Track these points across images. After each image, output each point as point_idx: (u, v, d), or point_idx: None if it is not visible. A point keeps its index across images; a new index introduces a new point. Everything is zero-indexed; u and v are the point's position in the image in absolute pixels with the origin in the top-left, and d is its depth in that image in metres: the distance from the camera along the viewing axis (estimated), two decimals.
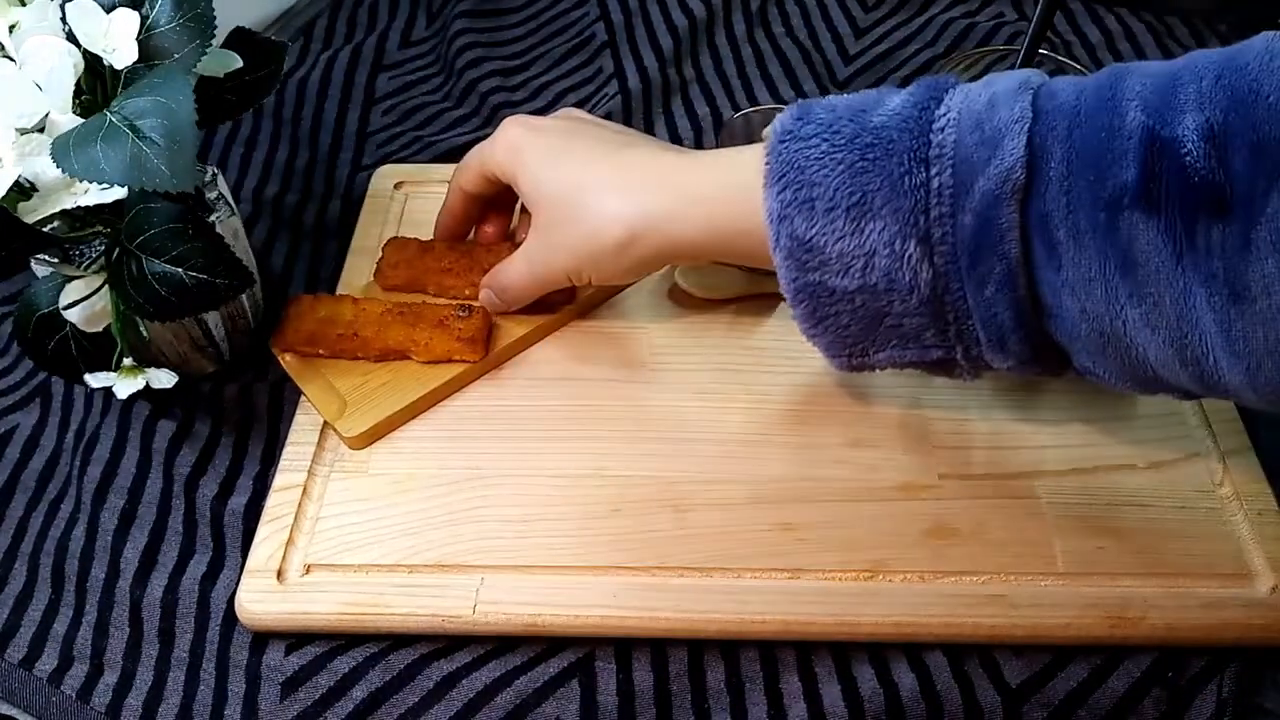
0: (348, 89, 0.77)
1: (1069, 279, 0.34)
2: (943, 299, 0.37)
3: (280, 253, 0.65)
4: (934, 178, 0.36)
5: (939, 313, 0.38)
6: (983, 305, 0.36)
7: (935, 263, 0.36)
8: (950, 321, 0.38)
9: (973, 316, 0.37)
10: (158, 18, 0.47)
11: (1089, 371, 0.38)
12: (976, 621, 0.45)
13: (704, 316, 0.58)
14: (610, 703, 0.45)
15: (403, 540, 0.49)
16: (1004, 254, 0.35)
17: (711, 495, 0.50)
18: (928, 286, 0.37)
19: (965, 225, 0.35)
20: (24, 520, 0.53)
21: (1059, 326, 0.36)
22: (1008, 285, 0.35)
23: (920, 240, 0.36)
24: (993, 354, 0.39)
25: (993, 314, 0.36)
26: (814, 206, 0.38)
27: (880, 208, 0.37)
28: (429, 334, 0.54)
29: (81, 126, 0.42)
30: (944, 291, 0.37)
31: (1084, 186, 0.33)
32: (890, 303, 0.38)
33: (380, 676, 0.46)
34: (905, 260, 0.37)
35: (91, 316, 0.47)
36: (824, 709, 0.44)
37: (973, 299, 0.37)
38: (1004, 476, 0.50)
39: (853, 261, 0.38)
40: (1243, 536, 0.48)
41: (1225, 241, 0.31)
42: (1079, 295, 0.34)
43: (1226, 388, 0.34)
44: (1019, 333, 0.37)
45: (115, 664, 0.47)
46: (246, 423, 0.56)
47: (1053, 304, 0.36)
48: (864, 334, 0.40)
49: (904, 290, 0.37)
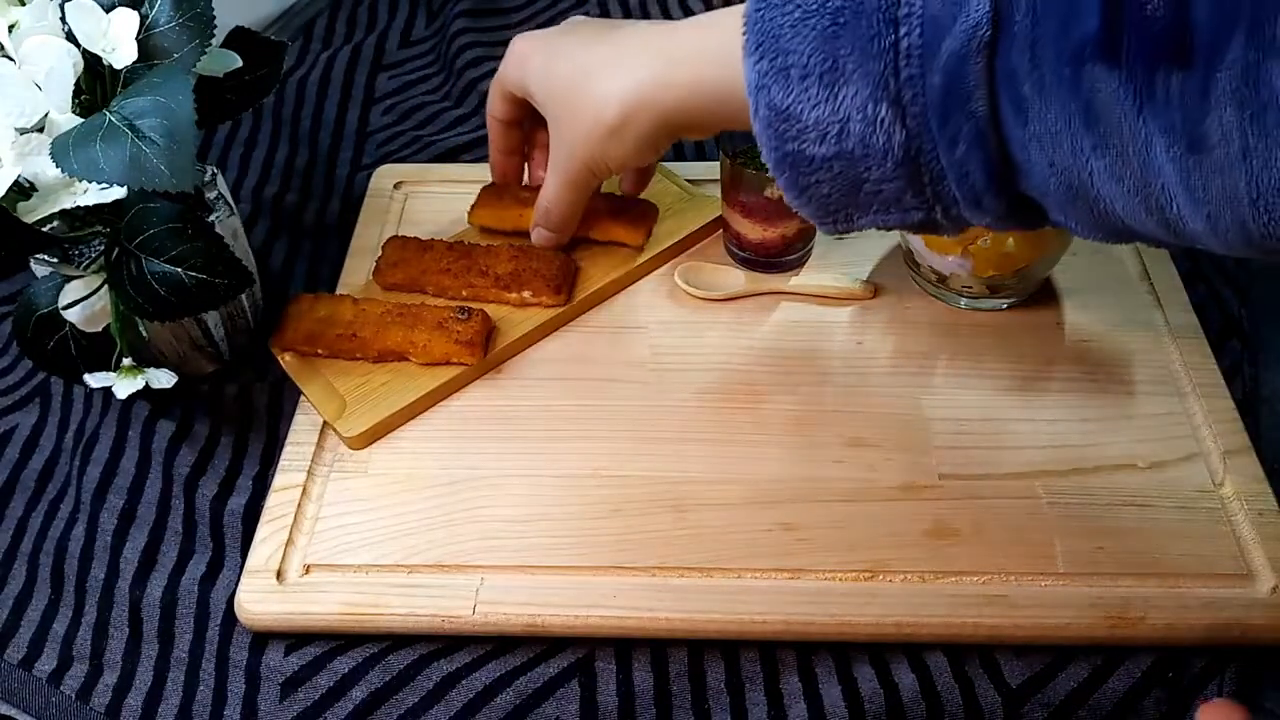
0: (348, 89, 0.77)
1: (1036, 133, 0.35)
2: (917, 161, 0.38)
3: (280, 253, 0.65)
4: (903, 39, 0.36)
5: (915, 176, 0.38)
6: (955, 165, 0.37)
7: (907, 125, 0.37)
8: (926, 183, 0.38)
9: (947, 177, 0.38)
10: (157, 17, 0.47)
11: (1062, 224, 0.39)
12: (976, 621, 0.45)
13: (704, 316, 0.58)
14: (610, 703, 0.45)
15: (403, 540, 0.49)
16: (973, 112, 0.35)
17: (711, 495, 0.50)
18: (901, 149, 0.38)
19: (934, 85, 0.36)
20: (24, 520, 0.53)
21: (1030, 182, 0.37)
22: (978, 144, 0.36)
23: (891, 103, 0.37)
24: (970, 212, 0.39)
25: (965, 173, 0.37)
26: (789, 75, 0.38)
27: (852, 73, 0.37)
28: (428, 335, 0.54)
29: (81, 126, 0.42)
30: (917, 153, 0.37)
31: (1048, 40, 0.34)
32: (867, 169, 0.39)
33: (380, 677, 0.46)
34: (878, 124, 0.37)
35: (91, 316, 0.47)
36: (824, 709, 0.44)
37: (945, 159, 0.37)
38: (1004, 476, 0.50)
39: (828, 128, 0.38)
40: (1243, 536, 0.48)
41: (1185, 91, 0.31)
42: (1047, 150, 0.35)
43: (1191, 235, 0.35)
44: (992, 190, 0.37)
45: (115, 664, 0.47)
46: (246, 423, 0.56)
47: (1022, 160, 0.36)
48: (845, 201, 0.41)
49: (879, 155, 0.38)
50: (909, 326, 0.57)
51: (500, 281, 0.57)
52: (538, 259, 0.57)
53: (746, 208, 0.57)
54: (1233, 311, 0.59)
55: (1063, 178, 0.35)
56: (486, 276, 0.57)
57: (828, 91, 0.38)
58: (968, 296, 0.57)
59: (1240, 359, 0.56)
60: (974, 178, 0.37)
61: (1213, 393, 0.53)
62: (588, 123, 0.49)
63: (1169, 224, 0.34)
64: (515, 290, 0.57)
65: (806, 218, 0.42)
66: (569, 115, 0.50)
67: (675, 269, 0.60)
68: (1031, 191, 0.37)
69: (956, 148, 0.36)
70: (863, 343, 0.57)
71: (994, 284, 0.56)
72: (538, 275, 0.57)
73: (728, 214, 0.59)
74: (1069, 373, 0.55)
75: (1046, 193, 0.36)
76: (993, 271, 0.55)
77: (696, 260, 0.61)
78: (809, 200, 0.41)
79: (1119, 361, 0.55)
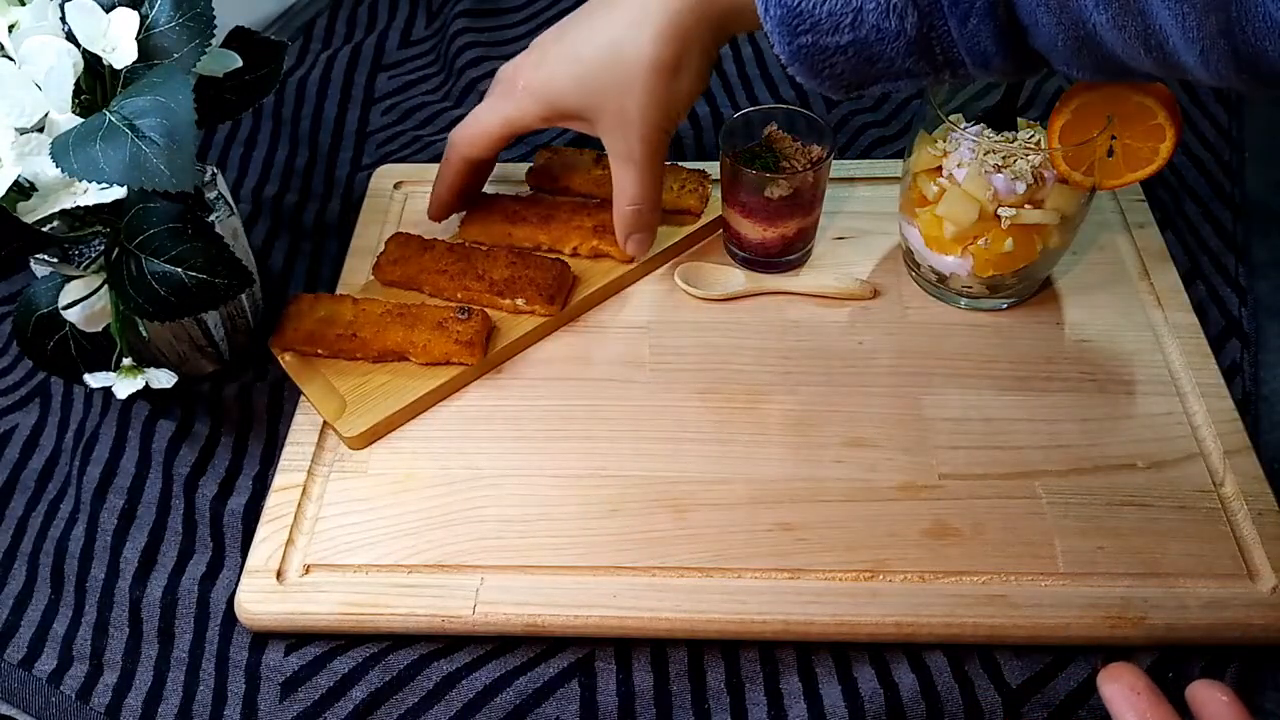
0: (348, 89, 0.77)
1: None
2: (929, 38, 0.40)
3: (280, 252, 0.65)
4: None
5: (926, 50, 0.41)
6: (967, 36, 0.39)
7: (920, 5, 0.39)
8: (937, 54, 0.41)
9: (958, 46, 0.40)
10: (157, 17, 0.47)
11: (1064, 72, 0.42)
12: (976, 621, 0.45)
13: (704, 316, 0.58)
14: (610, 703, 0.45)
15: (403, 540, 0.49)
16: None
17: (711, 495, 0.50)
18: (914, 29, 0.40)
19: None
20: (24, 520, 0.53)
21: (1038, 41, 0.39)
22: (989, 14, 0.39)
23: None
24: (977, 72, 0.42)
25: (976, 42, 0.40)
26: None
27: None
28: (428, 335, 0.54)
29: (81, 126, 0.42)
30: (929, 30, 0.40)
31: None
32: (881, 50, 0.41)
33: (380, 677, 0.46)
34: (890, 10, 0.39)
35: (91, 316, 0.47)
36: (824, 709, 0.44)
37: (957, 32, 0.39)
38: (1004, 476, 0.50)
39: (841, 19, 0.40)
40: (1243, 536, 0.48)
41: None
42: (1054, 11, 0.38)
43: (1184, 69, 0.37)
44: (1001, 52, 0.40)
45: (115, 664, 0.47)
46: (246, 423, 0.56)
47: (1029, 23, 0.39)
48: (859, 76, 0.43)
49: (892, 36, 0.40)
50: (909, 326, 0.57)
51: (495, 287, 0.57)
52: (534, 266, 0.57)
53: (746, 208, 0.57)
54: (1233, 311, 0.59)
55: (1069, 33, 0.38)
56: (482, 281, 0.57)
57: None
58: (968, 296, 0.57)
59: (1240, 359, 0.56)
60: (984, 44, 0.39)
61: (1213, 393, 0.53)
62: (643, 84, 0.48)
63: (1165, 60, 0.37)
64: (509, 297, 0.57)
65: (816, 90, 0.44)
66: (618, 93, 0.49)
67: (675, 269, 0.60)
68: (1039, 48, 0.39)
69: (969, 21, 0.39)
70: (863, 343, 0.57)
71: (994, 284, 0.56)
72: (532, 284, 0.57)
73: (728, 214, 0.59)
74: (1069, 373, 0.55)
75: (1054, 49, 0.39)
76: (993, 271, 0.55)
77: (696, 260, 0.61)
78: (823, 80, 0.43)
79: (1119, 361, 0.55)
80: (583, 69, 0.49)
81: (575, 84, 0.50)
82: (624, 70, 0.48)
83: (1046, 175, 0.51)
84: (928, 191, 0.54)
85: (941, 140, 0.54)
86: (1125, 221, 0.62)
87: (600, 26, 0.49)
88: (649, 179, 0.53)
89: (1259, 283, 0.61)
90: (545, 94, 0.51)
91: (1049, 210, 0.52)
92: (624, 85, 0.48)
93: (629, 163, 0.52)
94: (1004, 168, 0.52)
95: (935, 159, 0.54)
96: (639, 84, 0.48)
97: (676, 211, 0.62)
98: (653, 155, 0.52)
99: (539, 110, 0.52)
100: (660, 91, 0.48)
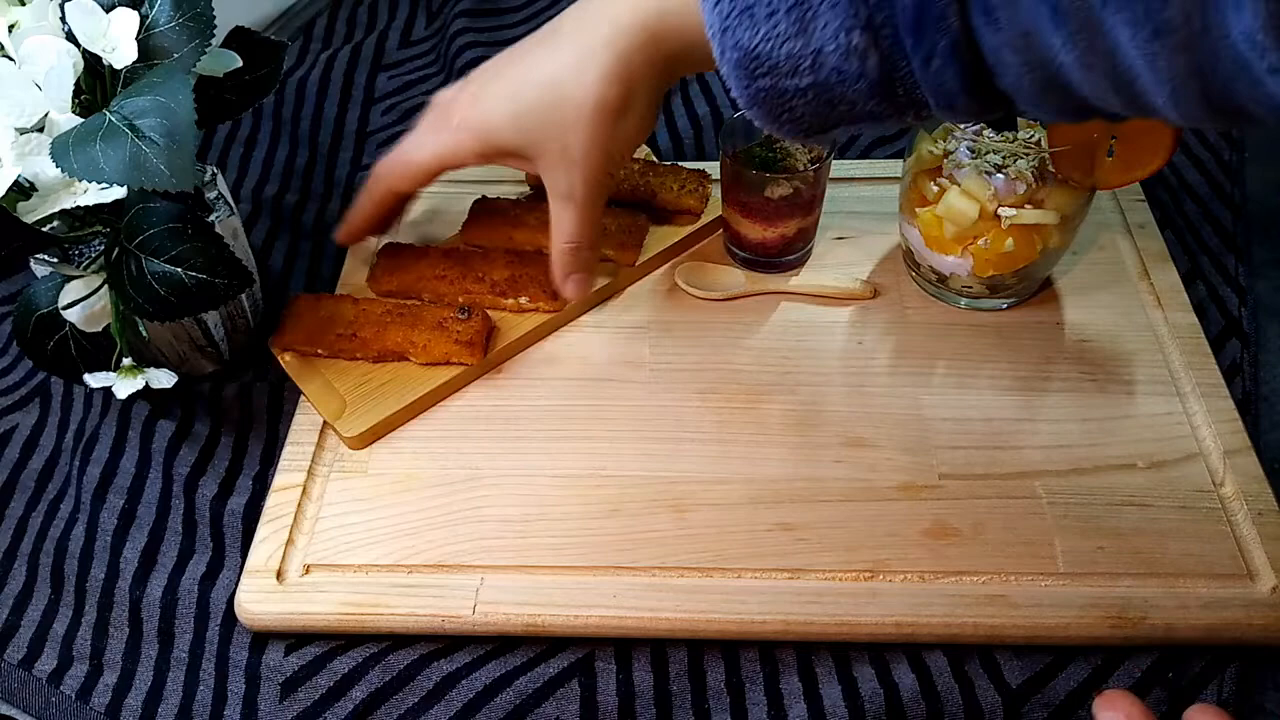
0: (348, 89, 0.77)
1: (1008, 39, 0.36)
2: (891, 79, 0.39)
3: (280, 253, 0.65)
4: None
5: (889, 92, 0.39)
6: (930, 77, 0.38)
7: (881, 48, 0.38)
8: (900, 95, 0.39)
9: (921, 88, 0.39)
10: (157, 17, 0.47)
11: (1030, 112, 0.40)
12: (976, 621, 0.45)
13: (704, 316, 0.58)
14: (610, 703, 0.45)
15: (403, 540, 0.49)
16: (947, 28, 0.36)
17: (711, 495, 0.50)
18: (876, 70, 0.38)
19: (906, 8, 0.36)
20: (24, 520, 0.53)
21: (1004, 81, 0.38)
22: (952, 56, 0.37)
23: (864, 29, 0.37)
24: (942, 113, 0.40)
25: (940, 83, 0.38)
26: (754, 14, 0.39)
27: (819, 5, 0.38)
28: (428, 336, 0.54)
29: (81, 126, 0.42)
30: (891, 71, 0.38)
31: None
32: (843, 92, 0.40)
33: (380, 677, 0.46)
34: (851, 51, 0.38)
35: (91, 316, 0.47)
36: (824, 709, 0.44)
37: (920, 74, 0.38)
38: (1004, 476, 0.50)
39: (800, 61, 0.39)
40: (1243, 536, 0.48)
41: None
42: (1019, 51, 0.36)
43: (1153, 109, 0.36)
44: (966, 93, 0.39)
45: (115, 664, 0.47)
46: (246, 423, 0.56)
47: (995, 62, 0.37)
48: (820, 119, 0.42)
49: (853, 78, 0.39)
50: (909, 326, 0.57)
51: (497, 288, 0.57)
52: (534, 264, 0.57)
53: (746, 208, 0.57)
54: (1233, 311, 0.59)
55: (1036, 73, 0.36)
56: (483, 283, 0.57)
57: (797, 26, 0.38)
58: (968, 296, 0.57)
59: (1240, 359, 0.56)
60: (949, 85, 0.38)
61: (1213, 393, 0.53)
62: (587, 126, 0.46)
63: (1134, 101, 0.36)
64: (512, 296, 0.57)
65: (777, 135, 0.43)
66: (559, 133, 0.47)
67: (675, 269, 0.60)
68: (1004, 88, 0.38)
69: (932, 62, 0.37)
70: (863, 343, 0.57)
71: (994, 284, 0.56)
72: (534, 281, 0.57)
73: (728, 214, 0.59)
74: (1069, 373, 0.55)
75: (1020, 89, 0.38)
76: (993, 271, 0.55)
77: (696, 260, 0.61)
78: (783, 124, 0.42)
79: (1119, 361, 0.55)
80: (523, 107, 0.47)
81: (513, 122, 0.48)
82: (567, 111, 0.46)
83: (1046, 175, 0.51)
84: (928, 191, 0.54)
85: (941, 140, 0.54)
86: (1125, 221, 0.62)
87: (543, 64, 0.47)
88: (588, 218, 0.51)
89: (1259, 283, 0.61)
90: (482, 131, 0.49)
91: (1049, 210, 0.52)
92: (566, 126, 0.47)
93: (569, 201, 0.50)
94: (1004, 168, 0.52)
95: (935, 159, 0.54)
96: (582, 126, 0.46)
97: (676, 211, 0.62)
98: (594, 196, 0.50)
99: (475, 147, 0.50)
100: (604, 134, 0.47)
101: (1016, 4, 0.35)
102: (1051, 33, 0.35)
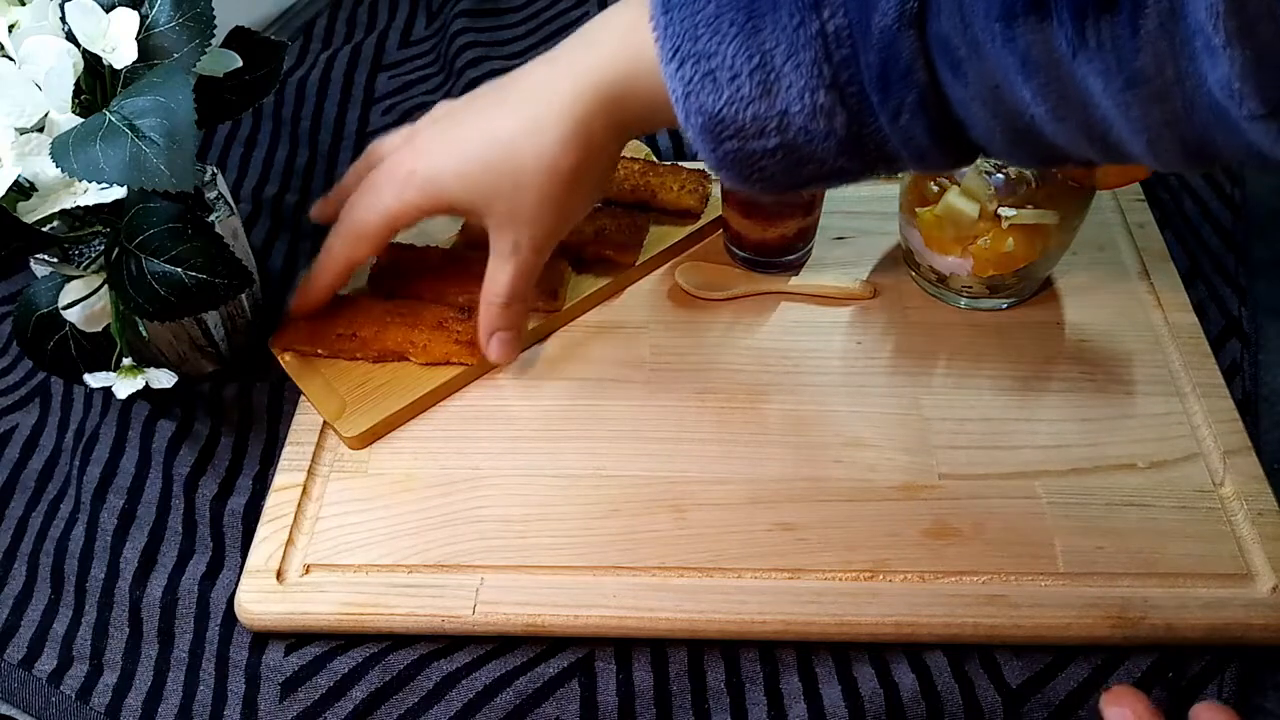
0: (348, 89, 0.77)
1: (977, 92, 0.35)
2: (860, 135, 0.38)
3: (280, 252, 0.65)
4: (828, 22, 0.36)
5: (858, 148, 0.39)
6: (899, 132, 0.37)
7: (848, 105, 0.37)
8: (871, 151, 0.39)
9: (891, 143, 0.38)
10: (157, 17, 0.47)
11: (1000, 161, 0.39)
12: (976, 621, 0.45)
13: (704, 316, 0.58)
14: (610, 703, 0.45)
15: (403, 540, 0.49)
16: (914, 83, 0.36)
17: (711, 495, 0.50)
18: (844, 128, 0.38)
19: (871, 64, 0.36)
20: (24, 520, 0.53)
21: (974, 134, 0.37)
22: (921, 111, 0.36)
23: (829, 88, 0.37)
24: (914, 165, 0.40)
25: (910, 137, 0.37)
26: (716, 78, 0.38)
27: (782, 65, 0.37)
28: (427, 336, 0.54)
29: (81, 126, 0.42)
30: (860, 128, 0.38)
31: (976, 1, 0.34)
32: (811, 152, 0.39)
33: (380, 677, 0.46)
34: (819, 110, 0.37)
35: (91, 316, 0.47)
36: (824, 709, 0.44)
37: (889, 129, 0.37)
38: (1004, 476, 0.50)
39: (766, 123, 0.38)
40: (1243, 536, 0.48)
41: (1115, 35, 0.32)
42: (989, 104, 0.35)
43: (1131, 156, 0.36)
44: (937, 146, 0.38)
45: (115, 664, 0.47)
46: (246, 423, 0.56)
47: (964, 116, 0.37)
48: (790, 178, 0.41)
49: (821, 137, 0.38)
50: (909, 326, 0.57)
51: None
52: None
53: (746, 208, 0.57)
54: (1233, 311, 0.59)
55: (1006, 124, 0.36)
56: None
57: (761, 89, 0.37)
58: (968, 296, 0.57)
59: (1240, 359, 0.56)
60: (919, 139, 0.37)
61: (1213, 393, 0.53)
62: (539, 191, 0.45)
63: (1109, 149, 0.35)
64: None
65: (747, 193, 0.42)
66: (511, 194, 0.46)
67: (675, 269, 0.60)
68: (975, 141, 0.38)
69: (900, 118, 0.36)
70: (863, 343, 0.57)
71: (994, 284, 0.56)
72: None
73: (728, 214, 0.59)
74: (1069, 373, 0.55)
75: (991, 140, 0.37)
76: (993, 271, 0.55)
77: (696, 260, 0.61)
78: (752, 184, 0.41)
79: (1119, 361, 0.55)
80: (474, 167, 0.46)
81: (462, 181, 0.47)
82: (520, 175, 0.45)
83: (1047, 175, 0.51)
84: (928, 191, 0.54)
85: None
86: (1125, 221, 0.62)
87: (497, 123, 0.46)
88: (526, 278, 0.50)
89: (1259, 283, 0.61)
90: (429, 187, 0.48)
91: (1049, 210, 0.52)
92: (518, 189, 0.45)
93: (510, 259, 0.49)
94: (1004, 168, 0.52)
95: None
96: (535, 190, 0.45)
97: (676, 211, 0.62)
98: (537, 258, 0.49)
99: (421, 202, 0.48)
100: (558, 200, 0.46)
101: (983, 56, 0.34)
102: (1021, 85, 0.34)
